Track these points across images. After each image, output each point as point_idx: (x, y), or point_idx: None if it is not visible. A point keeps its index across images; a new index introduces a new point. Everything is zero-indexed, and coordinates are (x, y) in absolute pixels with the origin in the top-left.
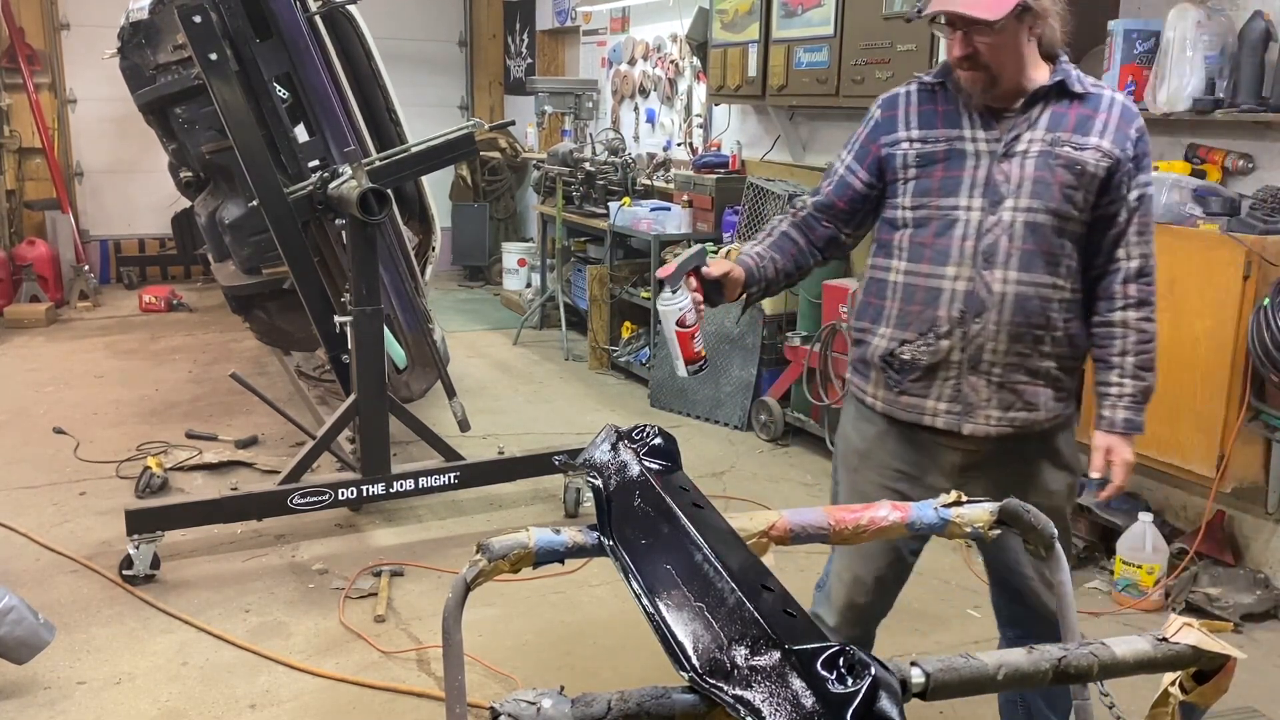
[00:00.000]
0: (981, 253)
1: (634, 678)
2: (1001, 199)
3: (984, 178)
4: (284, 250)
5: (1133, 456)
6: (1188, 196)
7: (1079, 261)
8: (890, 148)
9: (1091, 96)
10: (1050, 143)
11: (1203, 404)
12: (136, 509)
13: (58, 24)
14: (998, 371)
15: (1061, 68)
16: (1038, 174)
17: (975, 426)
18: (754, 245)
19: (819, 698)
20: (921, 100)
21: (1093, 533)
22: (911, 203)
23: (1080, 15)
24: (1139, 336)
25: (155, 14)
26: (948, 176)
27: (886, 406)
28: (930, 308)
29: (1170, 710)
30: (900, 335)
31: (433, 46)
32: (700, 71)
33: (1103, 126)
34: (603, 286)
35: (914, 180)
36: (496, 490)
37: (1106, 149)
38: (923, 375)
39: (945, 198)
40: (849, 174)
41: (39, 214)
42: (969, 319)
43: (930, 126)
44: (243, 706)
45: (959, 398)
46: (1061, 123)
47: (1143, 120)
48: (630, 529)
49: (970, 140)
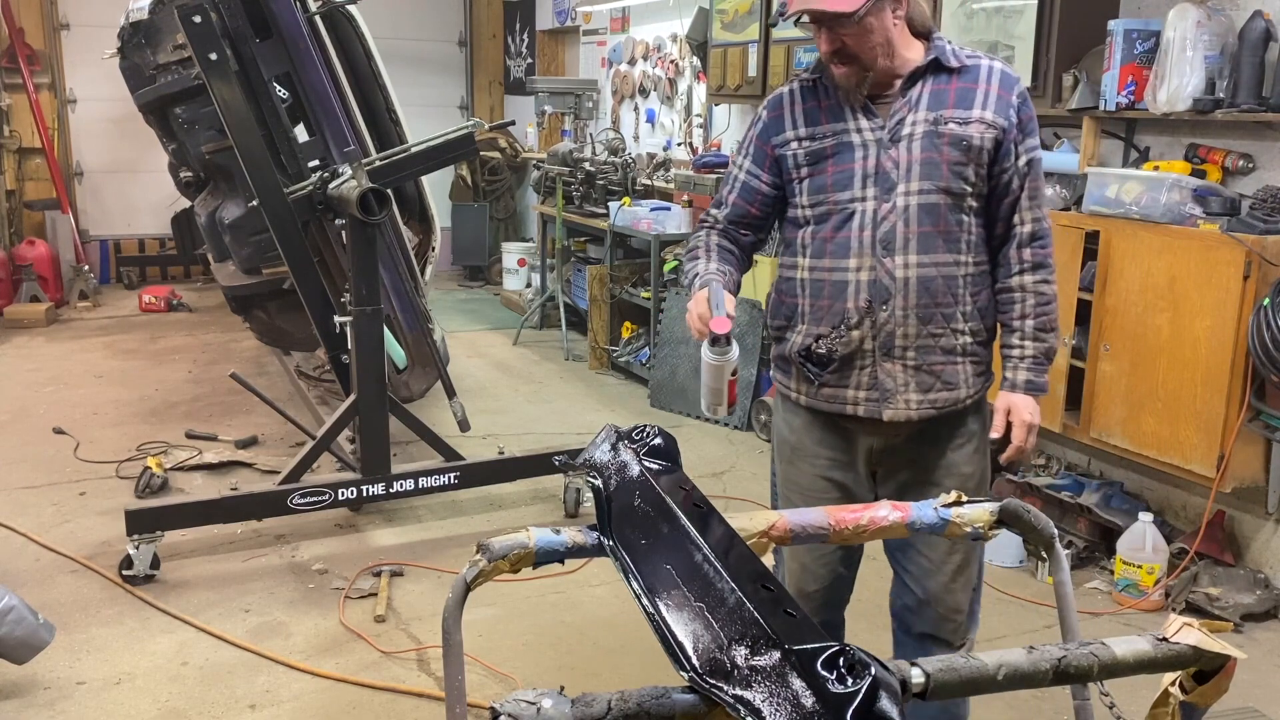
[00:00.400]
0: (880, 241)
1: (634, 678)
2: (894, 185)
3: (874, 167)
4: (284, 250)
5: (1034, 418)
6: (1188, 196)
7: (982, 233)
8: (781, 149)
9: (969, 69)
10: (933, 122)
11: (1203, 404)
12: (136, 509)
13: (57, 24)
14: (912, 355)
15: (935, 44)
16: (925, 155)
17: (895, 412)
18: (708, 264)
19: (819, 698)
20: (804, 98)
21: (1093, 533)
22: (809, 200)
23: (1080, 15)
24: (1037, 299)
25: (155, 14)
26: (839, 171)
27: (809, 400)
28: (838, 301)
29: (1170, 710)
30: (814, 330)
31: (432, 46)
32: (700, 71)
33: (984, 98)
34: (603, 286)
35: (808, 179)
36: (496, 490)
37: (990, 120)
38: (839, 367)
39: (840, 192)
40: (751, 178)
41: (39, 214)
42: (876, 307)
43: (815, 123)
44: (243, 706)
45: (876, 385)
46: (943, 100)
47: (1024, 85)
48: (630, 529)
49: (856, 131)
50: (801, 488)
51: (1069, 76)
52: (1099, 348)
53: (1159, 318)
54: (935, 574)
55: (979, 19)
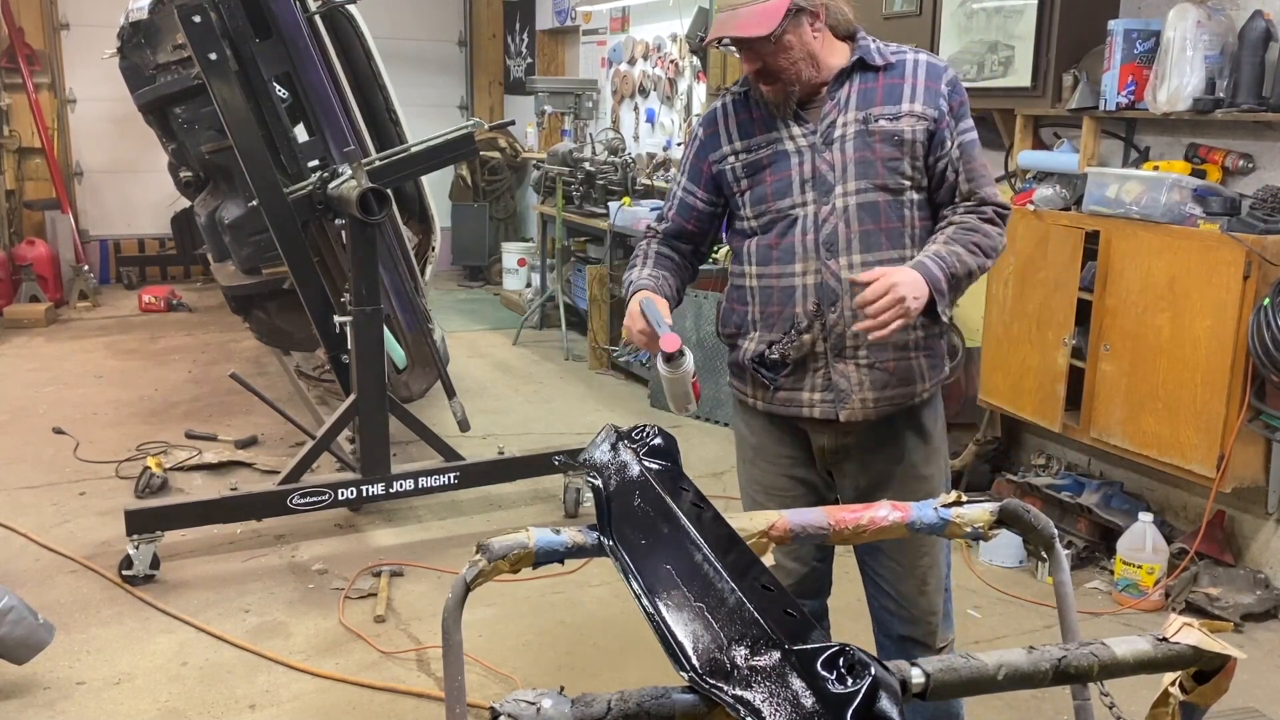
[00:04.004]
0: (823, 244)
1: (634, 678)
2: (831, 188)
3: (810, 171)
4: (284, 250)
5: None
6: (1188, 196)
7: (927, 225)
8: (719, 164)
9: (895, 65)
10: (864, 121)
11: (1203, 404)
12: (136, 509)
13: (57, 24)
14: (864, 354)
15: (860, 45)
16: (859, 155)
17: (851, 411)
18: (643, 270)
19: (819, 698)
20: (737, 111)
21: (1093, 533)
22: (753, 211)
23: (1080, 15)
24: (962, 223)
25: (155, 14)
26: (777, 179)
27: (766, 406)
28: (787, 306)
29: (1170, 710)
30: (766, 337)
31: (432, 46)
32: (700, 71)
33: (911, 91)
34: (603, 286)
35: (748, 190)
36: (496, 490)
37: (919, 112)
38: (793, 370)
39: (780, 199)
40: (688, 195)
41: (39, 214)
42: (825, 310)
43: (750, 135)
44: (242, 707)
45: (831, 386)
46: (870, 98)
47: (953, 72)
48: (630, 529)
49: (789, 139)
50: (765, 486)
51: (1069, 76)
52: (1099, 348)
53: (1159, 318)
54: (906, 578)
55: (979, 19)
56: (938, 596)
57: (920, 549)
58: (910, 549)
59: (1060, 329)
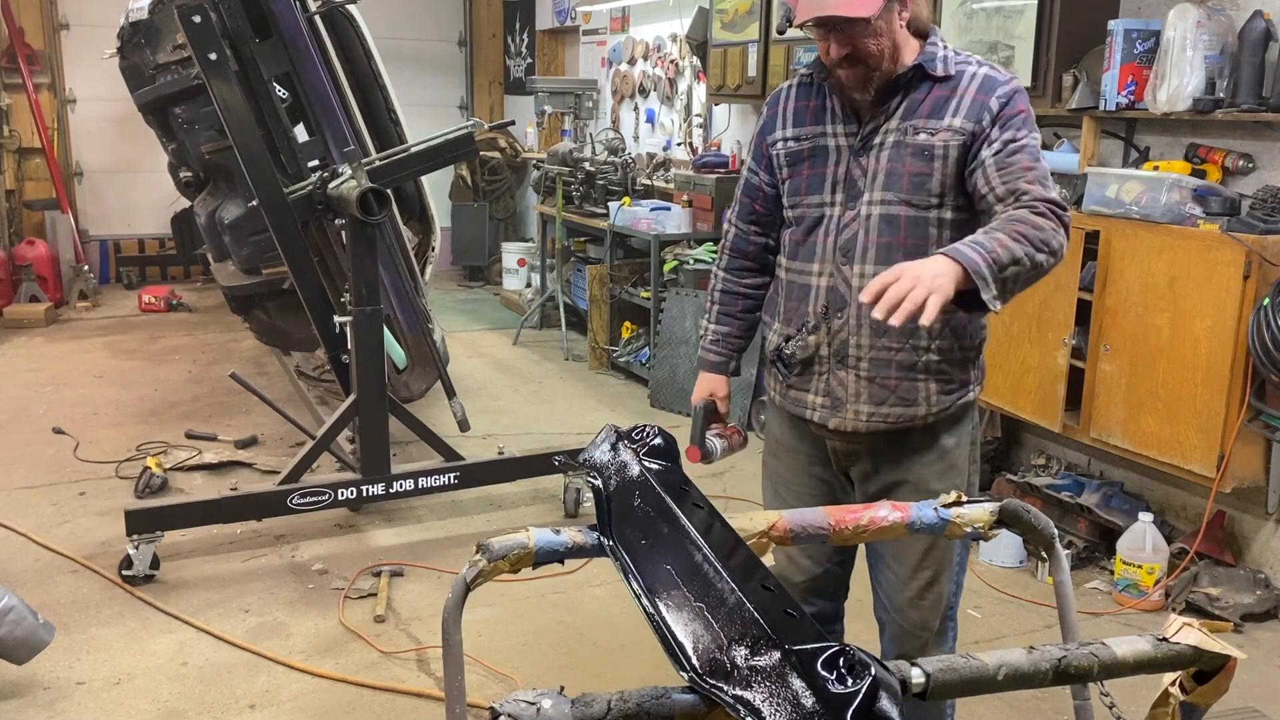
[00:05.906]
0: (840, 248)
1: (634, 678)
2: (859, 194)
3: (843, 173)
4: (284, 250)
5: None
6: (1188, 196)
7: None
8: (772, 147)
9: (954, 77)
10: (903, 132)
11: (1203, 404)
12: (136, 509)
13: (57, 24)
14: (865, 366)
15: (927, 49)
16: (889, 165)
17: (841, 421)
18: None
19: (819, 698)
20: (798, 96)
21: (1093, 533)
22: (789, 202)
23: (1080, 15)
24: (1006, 215)
25: (155, 14)
26: (813, 174)
27: (780, 400)
28: (803, 304)
29: (1170, 710)
30: (785, 331)
31: (432, 46)
32: (700, 71)
33: (957, 105)
34: (603, 286)
35: (787, 180)
36: (496, 490)
37: (958, 126)
38: (802, 370)
39: (811, 196)
40: (752, 175)
41: (39, 214)
42: (832, 314)
43: (801, 124)
44: (242, 706)
45: (829, 392)
46: (916, 109)
47: (1015, 84)
48: (630, 529)
49: (831, 136)
50: (785, 480)
51: (1069, 76)
52: (1099, 348)
53: (1159, 318)
54: (902, 589)
55: (979, 19)
56: (934, 613)
57: (924, 561)
58: (912, 558)
59: (1060, 329)
